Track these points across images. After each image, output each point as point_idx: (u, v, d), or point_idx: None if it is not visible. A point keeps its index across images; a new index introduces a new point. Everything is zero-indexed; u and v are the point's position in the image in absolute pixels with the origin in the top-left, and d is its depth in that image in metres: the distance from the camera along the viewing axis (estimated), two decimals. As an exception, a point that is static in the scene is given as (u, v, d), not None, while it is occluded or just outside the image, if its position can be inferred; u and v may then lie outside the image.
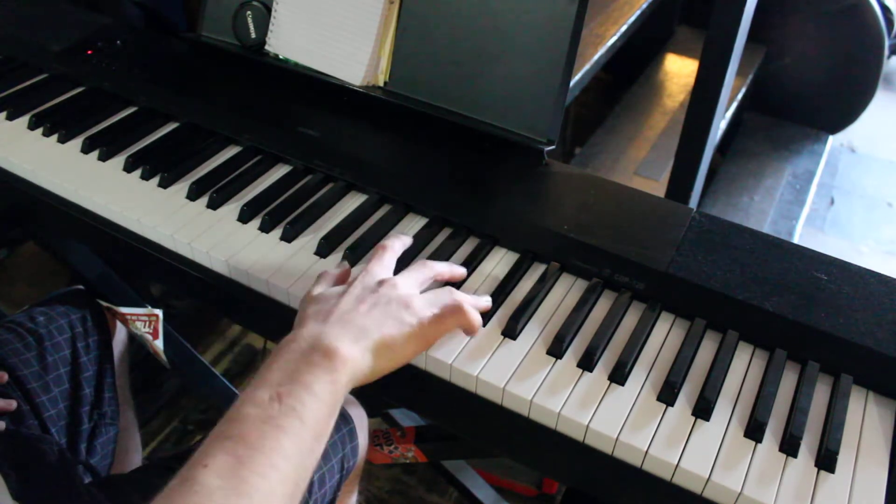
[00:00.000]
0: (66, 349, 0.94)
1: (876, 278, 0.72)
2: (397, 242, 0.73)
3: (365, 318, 0.60)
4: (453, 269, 0.73)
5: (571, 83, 0.86)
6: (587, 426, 0.63)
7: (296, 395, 0.53)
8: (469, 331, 0.67)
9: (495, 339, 0.70)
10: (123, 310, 1.02)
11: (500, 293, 0.74)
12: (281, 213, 0.82)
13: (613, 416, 0.64)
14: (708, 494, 0.61)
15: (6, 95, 1.02)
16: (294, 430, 0.51)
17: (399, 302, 0.62)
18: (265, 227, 0.81)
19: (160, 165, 0.89)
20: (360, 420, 0.94)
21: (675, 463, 0.61)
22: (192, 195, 0.86)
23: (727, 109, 1.70)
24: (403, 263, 0.73)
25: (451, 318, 0.64)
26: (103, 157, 0.91)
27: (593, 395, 0.66)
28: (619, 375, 0.67)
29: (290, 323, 0.79)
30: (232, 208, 0.84)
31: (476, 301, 0.69)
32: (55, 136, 0.94)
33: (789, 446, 0.62)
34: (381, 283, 0.64)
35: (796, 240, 1.74)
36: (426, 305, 0.64)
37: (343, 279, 0.69)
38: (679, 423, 0.64)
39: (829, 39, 1.94)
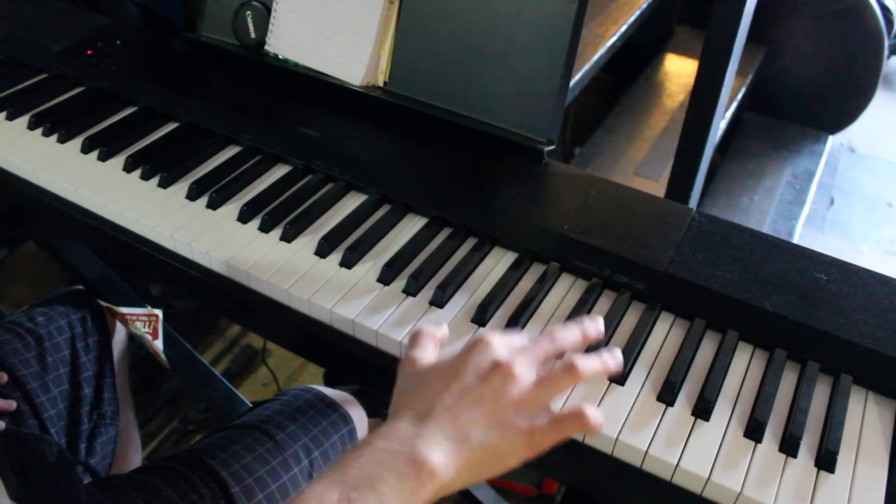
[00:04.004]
0: (65, 349, 0.94)
1: (876, 278, 0.72)
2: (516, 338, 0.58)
3: (469, 418, 0.52)
4: (586, 330, 0.58)
5: (571, 83, 0.86)
6: (587, 426, 0.63)
7: None
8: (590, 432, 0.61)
9: (495, 339, 0.70)
10: (123, 310, 1.02)
11: (499, 293, 0.74)
12: (281, 213, 0.82)
13: (613, 416, 0.64)
14: (708, 494, 0.61)
15: (6, 95, 1.02)
16: None
17: (511, 400, 0.53)
18: (265, 227, 0.81)
19: (160, 165, 0.89)
20: (360, 420, 0.93)
21: (675, 463, 0.61)
22: (192, 195, 0.86)
23: (727, 109, 1.70)
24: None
25: (570, 425, 0.53)
26: (103, 157, 0.91)
27: (593, 395, 0.66)
28: (618, 375, 0.67)
29: (289, 322, 0.78)
30: (232, 208, 0.84)
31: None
32: (55, 136, 0.94)
33: (789, 446, 0.62)
34: (495, 366, 0.54)
35: (796, 240, 1.73)
36: (543, 406, 0.54)
37: (441, 340, 0.61)
38: (679, 423, 0.64)
39: (829, 39, 1.94)
